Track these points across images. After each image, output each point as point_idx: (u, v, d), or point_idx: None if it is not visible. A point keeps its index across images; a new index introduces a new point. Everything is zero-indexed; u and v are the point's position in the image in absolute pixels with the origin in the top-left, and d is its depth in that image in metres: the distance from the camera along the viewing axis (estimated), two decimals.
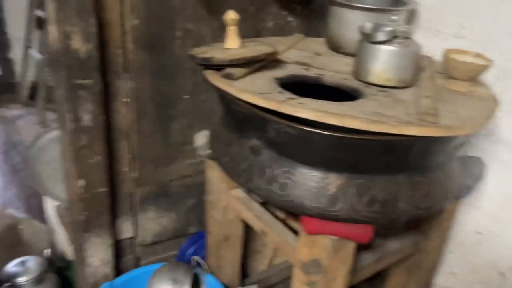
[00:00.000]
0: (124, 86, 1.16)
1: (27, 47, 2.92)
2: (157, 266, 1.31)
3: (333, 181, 0.85)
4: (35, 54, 2.85)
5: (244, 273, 1.47)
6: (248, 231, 1.35)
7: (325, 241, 0.89)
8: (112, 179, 1.24)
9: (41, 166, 1.35)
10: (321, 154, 0.84)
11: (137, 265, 1.43)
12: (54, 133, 1.33)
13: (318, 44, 1.29)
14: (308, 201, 0.86)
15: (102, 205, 1.22)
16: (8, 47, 3.03)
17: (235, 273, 1.37)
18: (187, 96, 1.29)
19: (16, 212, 1.52)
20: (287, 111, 0.80)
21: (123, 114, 1.20)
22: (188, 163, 1.39)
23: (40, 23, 2.83)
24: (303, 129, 0.80)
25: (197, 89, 1.30)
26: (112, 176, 1.23)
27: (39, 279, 1.35)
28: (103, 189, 1.20)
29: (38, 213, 1.71)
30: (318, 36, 1.36)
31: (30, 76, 3.03)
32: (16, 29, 2.96)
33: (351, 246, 0.91)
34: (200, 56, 0.96)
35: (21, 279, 1.32)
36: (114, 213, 1.28)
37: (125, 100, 1.18)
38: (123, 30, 1.10)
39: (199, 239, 1.49)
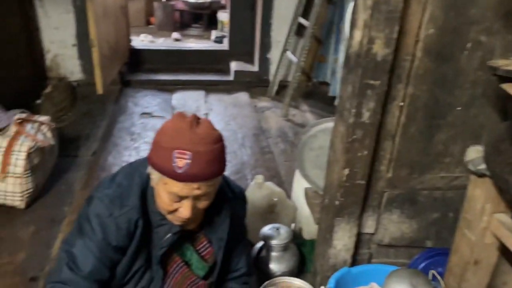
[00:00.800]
0: (403, 91, 1.23)
1: (284, 50, 3.38)
2: (391, 267, 1.34)
3: None
4: (290, 56, 3.27)
5: None
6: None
7: None
8: (370, 174, 1.33)
9: (307, 151, 1.56)
10: None
11: (368, 261, 1.50)
12: (325, 125, 1.51)
13: None
14: None
15: (357, 196, 1.32)
16: (268, 48, 3.57)
17: None
18: (460, 108, 1.27)
19: (273, 185, 1.79)
20: None
21: (395, 116, 1.26)
22: (442, 176, 1.36)
23: (300, 30, 3.23)
24: None
25: (472, 102, 1.26)
26: (370, 172, 1.32)
27: (285, 247, 1.57)
28: (362, 182, 1.30)
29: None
30: None
31: (280, 75, 3.51)
32: (278, 33, 3.46)
33: None
34: (507, 69, 0.93)
35: (273, 242, 1.55)
36: (363, 207, 1.37)
37: (400, 103, 1.25)
38: (416, 38, 1.16)
39: (434, 255, 1.45)
